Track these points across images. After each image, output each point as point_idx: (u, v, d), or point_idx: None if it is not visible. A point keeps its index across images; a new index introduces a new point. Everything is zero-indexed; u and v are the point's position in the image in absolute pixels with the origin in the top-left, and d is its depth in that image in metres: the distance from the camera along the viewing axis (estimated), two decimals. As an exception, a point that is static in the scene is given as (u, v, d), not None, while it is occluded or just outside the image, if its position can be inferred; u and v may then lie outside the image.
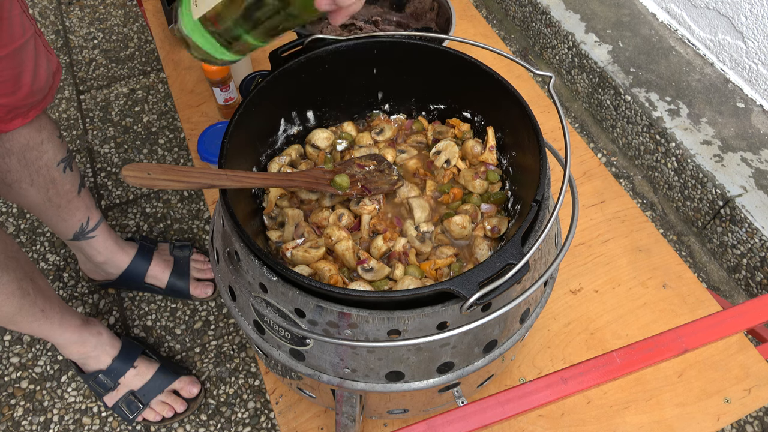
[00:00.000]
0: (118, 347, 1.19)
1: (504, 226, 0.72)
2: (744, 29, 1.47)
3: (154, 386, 1.20)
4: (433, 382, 0.62)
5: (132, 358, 1.20)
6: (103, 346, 1.17)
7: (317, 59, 0.72)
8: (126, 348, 1.20)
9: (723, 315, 0.52)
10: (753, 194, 1.37)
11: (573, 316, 0.92)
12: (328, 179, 0.71)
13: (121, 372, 1.18)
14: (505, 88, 0.68)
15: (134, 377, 1.19)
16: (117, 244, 1.28)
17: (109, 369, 1.18)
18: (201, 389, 1.25)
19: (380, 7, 1.19)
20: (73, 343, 1.13)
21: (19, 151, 0.98)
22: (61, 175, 1.07)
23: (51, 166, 1.04)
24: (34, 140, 0.99)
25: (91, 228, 1.19)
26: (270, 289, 0.58)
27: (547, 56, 1.89)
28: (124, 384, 1.19)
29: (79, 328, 1.12)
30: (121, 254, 1.29)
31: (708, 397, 0.85)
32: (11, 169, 0.99)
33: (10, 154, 0.97)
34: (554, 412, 0.84)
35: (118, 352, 1.19)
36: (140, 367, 1.20)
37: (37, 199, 1.07)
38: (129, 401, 1.19)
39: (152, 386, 1.20)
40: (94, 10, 2.07)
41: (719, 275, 1.46)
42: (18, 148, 0.97)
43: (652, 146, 1.56)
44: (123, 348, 1.20)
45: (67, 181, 1.09)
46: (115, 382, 1.18)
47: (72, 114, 1.77)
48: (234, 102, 1.12)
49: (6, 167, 0.98)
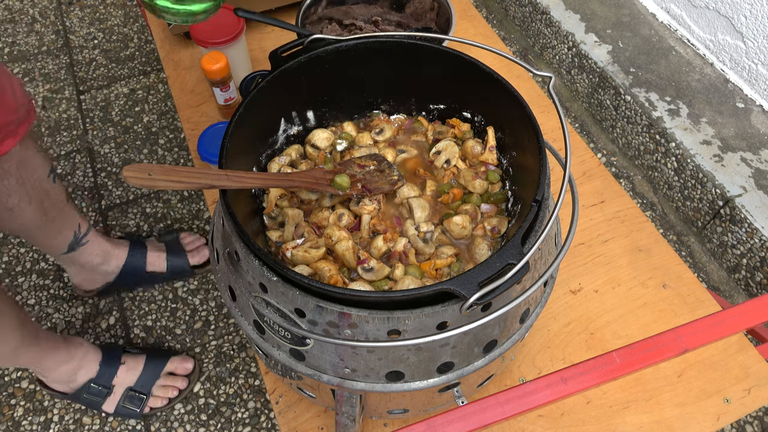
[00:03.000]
0: (100, 352, 1.20)
1: (504, 226, 0.72)
2: (744, 29, 1.47)
3: (150, 375, 1.21)
4: (433, 382, 0.62)
5: (117, 356, 1.20)
6: (88, 355, 1.17)
7: (317, 59, 0.72)
8: (107, 351, 1.21)
9: (723, 315, 0.52)
10: (753, 194, 1.37)
11: (573, 316, 0.92)
12: (328, 179, 0.71)
13: (112, 373, 1.19)
14: (505, 88, 0.68)
15: (126, 373, 1.20)
16: (110, 242, 1.29)
17: (99, 374, 1.18)
18: (194, 363, 1.26)
19: (380, 7, 1.19)
20: (62, 362, 1.12)
21: (15, 170, 0.96)
22: (52, 186, 1.06)
23: (43, 179, 1.03)
24: (23, 156, 0.97)
25: (83, 233, 1.19)
26: (270, 289, 0.58)
27: (547, 56, 1.89)
28: (119, 384, 1.19)
29: (64, 344, 1.13)
30: (117, 250, 1.30)
31: (708, 397, 0.85)
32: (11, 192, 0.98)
33: (9, 176, 0.95)
34: (554, 412, 0.84)
35: (102, 356, 1.19)
36: (128, 362, 1.21)
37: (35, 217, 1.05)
38: (131, 397, 1.19)
39: (147, 376, 1.21)
40: (94, 10, 2.07)
41: (719, 275, 1.46)
42: (14, 167, 0.95)
43: (652, 146, 1.56)
44: (104, 352, 1.20)
45: (57, 191, 1.08)
46: (109, 385, 1.18)
47: (72, 114, 1.77)
48: (234, 102, 1.12)
49: (7, 190, 0.96)
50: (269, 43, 1.28)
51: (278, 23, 0.94)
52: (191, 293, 1.41)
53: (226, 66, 1.04)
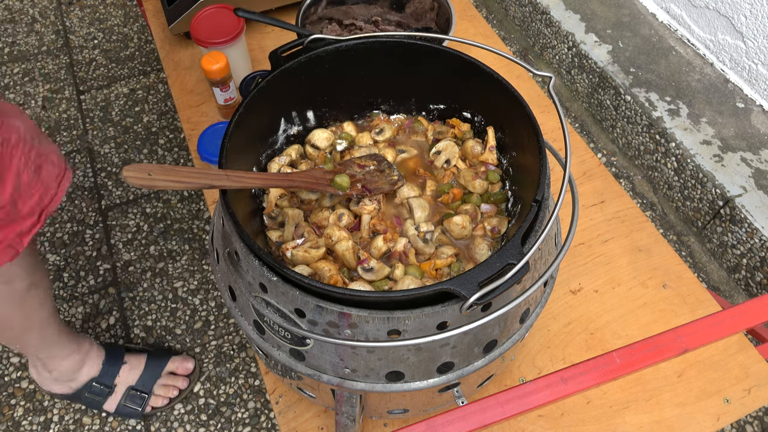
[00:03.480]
0: (104, 350, 1.20)
1: (504, 226, 0.72)
2: (744, 29, 1.47)
3: (151, 374, 1.21)
4: (433, 382, 0.62)
5: (120, 356, 1.20)
6: (92, 351, 1.18)
7: (317, 59, 0.72)
8: (111, 349, 1.21)
9: (723, 315, 0.52)
10: (753, 194, 1.37)
11: (573, 316, 0.92)
12: (328, 179, 0.71)
13: (114, 372, 1.19)
14: (505, 88, 0.68)
15: (128, 373, 1.20)
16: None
17: (102, 373, 1.18)
18: (195, 363, 1.26)
19: (380, 7, 1.19)
20: (70, 353, 1.12)
21: None
22: None
23: None
24: None
25: None
26: (270, 289, 0.58)
27: (547, 56, 1.89)
28: (120, 383, 1.19)
29: (74, 335, 1.13)
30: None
31: (708, 397, 0.85)
32: None
33: None
34: (554, 412, 0.84)
35: (105, 355, 1.19)
36: (131, 362, 1.20)
37: None
38: (132, 396, 1.19)
39: (149, 375, 1.21)
40: (94, 10, 2.07)
41: (719, 275, 1.46)
42: None
43: (652, 146, 1.55)
44: (108, 350, 1.20)
45: None
46: (111, 384, 1.18)
47: (72, 114, 1.77)
48: (234, 102, 1.11)
49: None
50: (269, 43, 1.28)
51: (278, 23, 0.94)
52: (191, 293, 1.41)
53: (226, 66, 1.04)
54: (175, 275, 1.44)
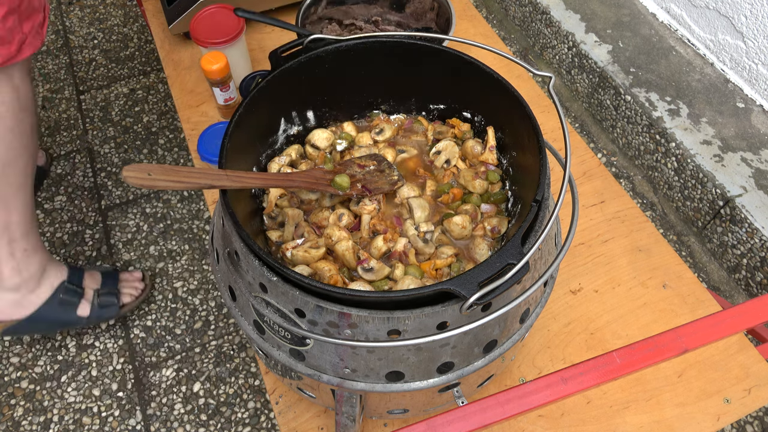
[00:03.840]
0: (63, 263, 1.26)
1: (504, 226, 0.72)
2: (744, 29, 1.47)
3: (110, 280, 1.28)
4: (433, 382, 0.62)
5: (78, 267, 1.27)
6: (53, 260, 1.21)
7: (317, 59, 0.72)
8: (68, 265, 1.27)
9: (723, 315, 0.52)
10: (753, 194, 1.37)
11: (573, 316, 0.92)
12: (328, 179, 0.71)
13: (80, 275, 1.24)
14: (506, 88, 0.68)
15: (90, 278, 1.26)
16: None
17: (70, 275, 1.22)
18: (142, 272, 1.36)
19: (380, 7, 1.19)
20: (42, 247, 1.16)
21: None
22: None
23: None
24: None
25: None
26: (270, 289, 0.58)
27: (547, 56, 1.89)
28: (88, 286, 1.24)
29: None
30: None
31: (708, 397, 0.85)
32: None
33: None
34: (554, 412, 0.84)
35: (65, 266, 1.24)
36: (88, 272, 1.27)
37: None
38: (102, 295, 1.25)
39: (108, 281, 1.28)
40: (94, 10, 2.07)
41: (719, 275, 1.46)
42: None
43: (652, 146, 1.56)
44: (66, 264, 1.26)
45: None
46: (81, 285, 1.23)
47: (72, 114, 1.77)
48: (234, 102, 1.12)
49: None
50: (269, 43, 1.28)
51: (278, 23, 0.94)
52: (191, 293, 1.41)
53: (226, 66, 1.04)
54: (175, 275, 1.44)
